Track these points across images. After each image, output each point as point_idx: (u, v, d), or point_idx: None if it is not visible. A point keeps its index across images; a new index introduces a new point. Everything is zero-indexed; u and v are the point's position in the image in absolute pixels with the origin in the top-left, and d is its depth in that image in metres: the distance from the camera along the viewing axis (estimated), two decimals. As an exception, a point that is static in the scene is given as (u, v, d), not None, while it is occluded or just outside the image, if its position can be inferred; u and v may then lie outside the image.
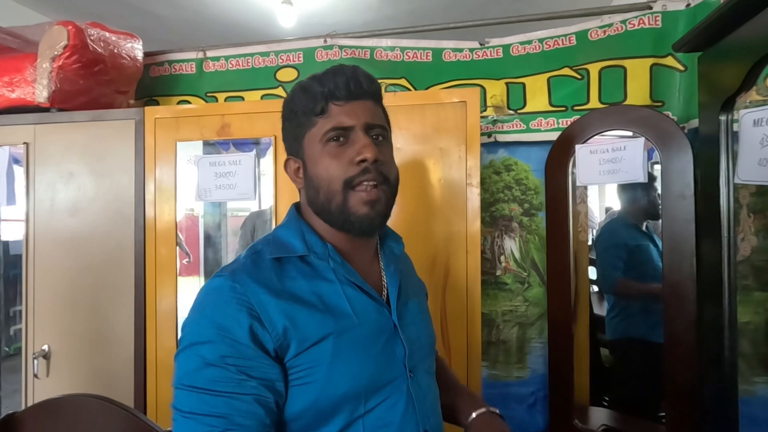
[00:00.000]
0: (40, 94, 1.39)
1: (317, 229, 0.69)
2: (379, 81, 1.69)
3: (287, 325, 0.59)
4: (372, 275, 0.71)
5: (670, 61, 1.44)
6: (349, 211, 0.64)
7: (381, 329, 0.66)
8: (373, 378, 0.63)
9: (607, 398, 1.78)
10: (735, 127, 0.94)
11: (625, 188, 1.91)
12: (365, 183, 0.63)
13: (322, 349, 0.60)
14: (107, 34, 1.53)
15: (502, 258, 1.61)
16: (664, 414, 1.33)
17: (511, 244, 1.60)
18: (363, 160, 0.63)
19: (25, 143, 1.41)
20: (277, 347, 0.59)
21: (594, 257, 1.88)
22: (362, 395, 0.62)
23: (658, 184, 1.44)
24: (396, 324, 0.68)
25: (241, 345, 0.57)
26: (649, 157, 1.36)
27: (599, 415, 1.51)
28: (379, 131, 0.67)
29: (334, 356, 0.60)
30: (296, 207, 0.73)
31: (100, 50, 1.47)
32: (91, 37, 1.45)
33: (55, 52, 1.38)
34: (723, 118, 0.97)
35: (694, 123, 1.35)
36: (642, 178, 1.26)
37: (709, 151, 1.03)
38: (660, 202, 1.68)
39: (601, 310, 1.93)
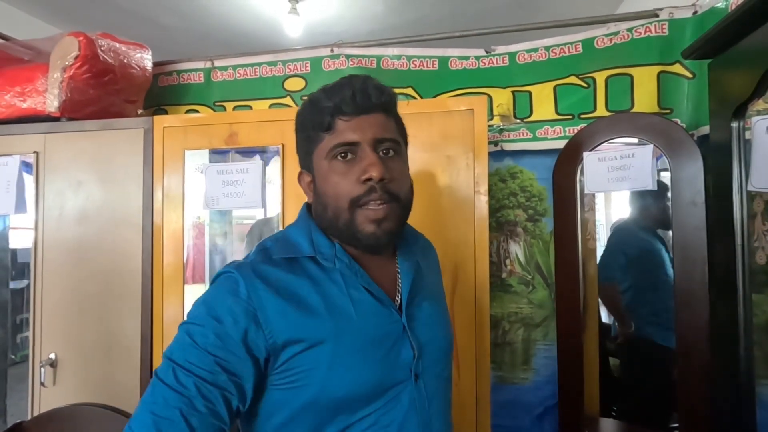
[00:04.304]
0: (51, 103, 1.41)
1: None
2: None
3: (284, 325, 0.60)
4: (385, 276, 0.69)
5: (677, 68, 1.43)
6: (356, 228, 0.63)
7: (386, 333, 0.65)
8: (374, 383, 0.62)
9: (615, 408, 1.75)
10: (747, 134, 0.93)
11: (634, 196, 1.89)
12: (372, 202, 0.62)
13: (319, 352, 0.60)
14: (117, 45, 1.55)
15: (508, 261, 1.64)
16: (677, 425, 1.30)
17: (516, 248, 1.63)
18: (368, 179, 0.62)
19: (35, 152, 1.43)
20: (269, 345, 0.59)
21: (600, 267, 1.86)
22: (361, 399, 0.61)
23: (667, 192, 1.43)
24: (405, 326, 0.66)
25: (228, 338, 0.58)
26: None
27: (609, 427, 1.48)
28: (389, 145, 0.66)
29: (332, 360, 0.60)
30: (308, 206, 0.73)
31: (110, 60, 1.49)
32: (102, 48, 1.47)
33: (66, 63, 1.40)
34: (735, 125, 0.96)
35: (703, 130, 1.34)
36: (651, 185, 1.25)
37: (720, 159, 1.01)
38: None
39: (609, 318, 1.91)
